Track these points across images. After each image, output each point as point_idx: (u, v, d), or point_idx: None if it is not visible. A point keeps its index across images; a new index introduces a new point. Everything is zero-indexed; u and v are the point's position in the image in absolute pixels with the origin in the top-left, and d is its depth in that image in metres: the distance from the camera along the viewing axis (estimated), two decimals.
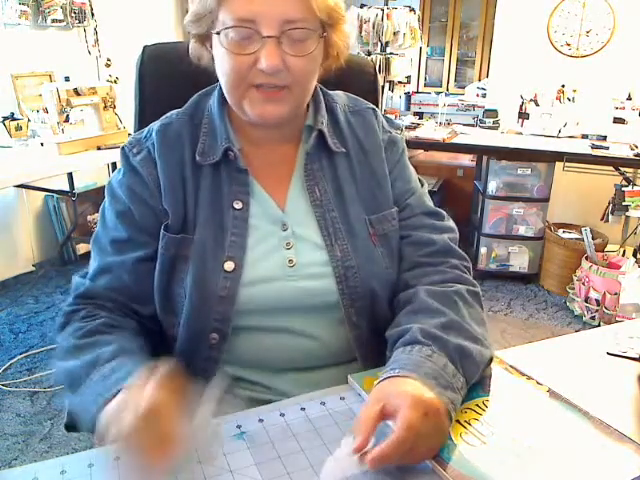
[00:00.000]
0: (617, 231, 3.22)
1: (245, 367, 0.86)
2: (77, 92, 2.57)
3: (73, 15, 3.28)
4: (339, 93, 0.96)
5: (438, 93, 4.81)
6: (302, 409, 0.75)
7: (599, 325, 2.74)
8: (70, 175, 2.99)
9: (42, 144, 2.56)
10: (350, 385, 0.80)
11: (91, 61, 3.49)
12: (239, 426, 0.71)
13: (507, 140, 3.22)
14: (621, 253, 3.07)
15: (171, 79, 1.05)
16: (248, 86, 0.79)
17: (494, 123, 3.54)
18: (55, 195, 3.22)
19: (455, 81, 6.23)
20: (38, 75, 3.13)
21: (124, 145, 0.88)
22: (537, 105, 3.39)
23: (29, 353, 2.46)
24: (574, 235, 3.19)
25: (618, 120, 3.19)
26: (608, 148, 2.96)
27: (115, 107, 2.75)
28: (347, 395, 0.78)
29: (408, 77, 4.28)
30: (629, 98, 3.23)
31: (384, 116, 0.97)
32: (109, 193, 0.88)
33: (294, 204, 0.87)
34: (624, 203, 2.82)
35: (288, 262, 0.84)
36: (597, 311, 2.78)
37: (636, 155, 2.82)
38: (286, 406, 0.75)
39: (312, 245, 0.86)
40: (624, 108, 3.19)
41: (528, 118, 3.40)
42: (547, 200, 3.18)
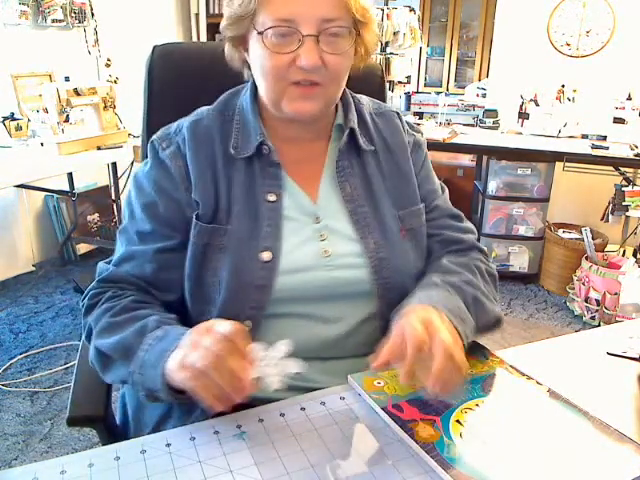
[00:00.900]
0: (617, 231, 3.22)
1: None
2: (77, 92, 2.57)
3: (73, 15, 3.28)
4: (363, 96, 1.00)
5: (438, 93, 4.81)
6: (302, 409, 0.75)
7: (599, 325, 2.74)
8: (70, 175, 2.99)
9: (42, 144, 2.56)
10: (350, 385, 0.80)
11: (91, 61, 3.49)
12: (239, 426, 0.71)
13: (507, 140, 3.22)
14: (621, 253, 3.07)
15: (180, 79, 1.05)
16: (287, 83, 0.82)
17: (494, 123, 3.54)
18: (55, 195, 3.22)
19: (455, 81, 6.24)
20: (38, 75, 3.13)
21: (153, 139, 0.90)
22: (537, 105, 3.40)
23: (29, 353, 2.46)
24: (574, 235, 3.19)
25: (618, 120, 3.19)
26: (608, 148, 2.97)
27: (115, 107, 2.75)
28: (347, 395, 0.78)
29: (408, 77, 4.29)
30: (629, 98, 3.22)
31: (405, 120, 1.02)
32: (135, 185, 0.90)
33: (326, 199, 0.90)
34: (624, 203, 2.82)
35: (324, 252, 0.87)
36: (597, 311, 2.78)
37: (636, 155, 2.82)
38: (286, 406, 0.75)
39: (345, 237, 0.89)
40: (624, 108, 3.19)
41: (528, 118, 3.40)
42: (547, 200, 3.18)
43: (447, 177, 4.09)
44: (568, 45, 3.52)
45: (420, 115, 4.05)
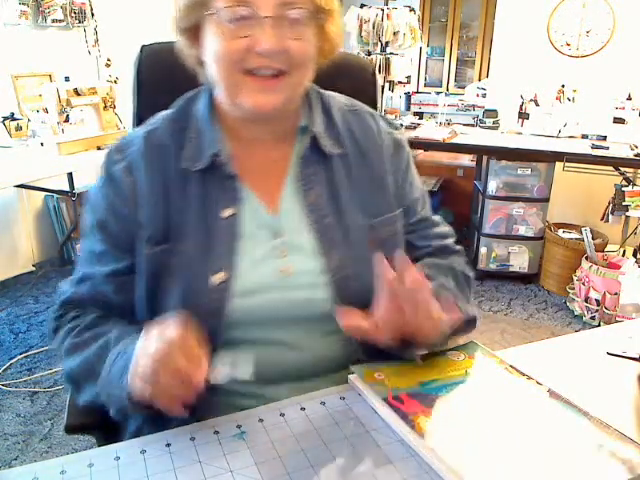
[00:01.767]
0: (617, 231, 3.22)
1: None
2: (77, 92, 2.57)
3: (73, 15, 3.28)
4: (334, 94, 0.93)
5: (438, 93, 4.81)
6: (302, 409, 0.75)
7: (599, 325, 2.74)
8: (70, 175, 2.99)
9: (42, 144, 2.56)
10: (350, 385, 0.80)
11: (91, 61, 3.49)
12: (239, 426, 0.71)
13: (507, 140, 3.22)
14: (621, 253, 3.07)
15: (169, 78, 1.04)
16: (243, 73, 0.76)
17: (494, 123, 3.54)
18: (55, 195, 3.23)
19: (455, 81, 6.23)
20: (38, 75, 3.13)
21: (108, 150, 0.85)
22: (537, 105, 3.40)
23: (29, 353, 2.46)
24: (574, 235, 3.19)
25: (618, 120, 3.19)
26: (608, 148, 2.97)
27: (115, 107, 2.75)
28: (347, 395, 0.78)
29: (408, 77, 4.28)
30: (629, 98, 3.22)
31: (381, 117, 0.95)
32: (88, 201, 0.86)
33: (287, 210, 0.84)
34: (624, 203, 2.82)
35: (281, 271, 0.81)
36: (597, 311, 2.78)
37: (636, 155, 2.82)
38: (286, 406, 0.75)
39: (307, 253, 0.83)
40: (624, 108, 3.19)
41: (528, 118, 3.40)
42: (547, 200, 3.18)
43: (447, 177, 4.09)
44: (568, 45, 3.52)
45: (420, 115, 4.06)
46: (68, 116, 2.55)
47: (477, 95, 4.01)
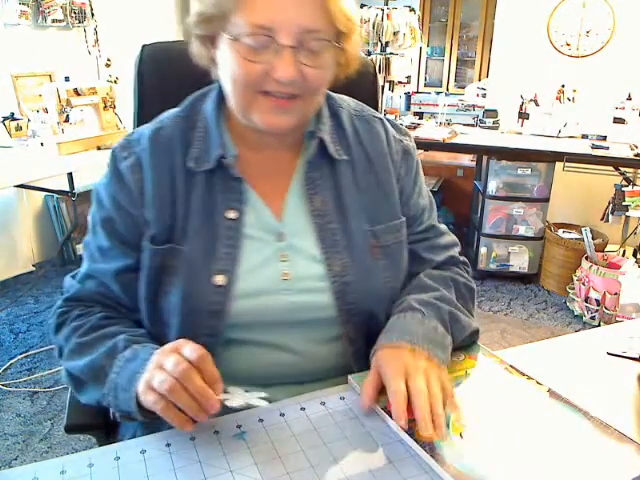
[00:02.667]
0: (617, 231, 3.22)
1: (235, 380, 0.81)
2: (77, 92, 2.56)
3: (73, 15, 3.28)
4: (344, 97, 0.93)
5: (438, 93, 4.82)
6: (302, 409, 0.75)
7: (599, 325, 2.74)
8: (70, 175, 2.99)
9: (42, 144, 2.56)
10: (350, 385, 0.80)
11: (91, 61, 3.49)
12: (239, 426, 0.71)
13: (507, 140, 3.22)
14: (621, 253, 3.07)
15: (170, 78, 1.04)
16: (257, 93, 0.76)
17: (494, 123, 3.54)
18: (55, 195, 3.22)
19: (455, 81, 6.24)
20: (38, 75, 3.13)
21: (115, 147, 0.85)
22: (537, 105, 3.39)
23: (29, 353, 2.46)
24: (574, 235, 3.19)
25: (618, 120, 3.19)
26: (608, 148, 2.96)
27: (115, 107, 2.75)
28: (347, 395, 0.78)
29: (408, 77, 4.28)
30: (629, 98, 3.22)
31: (390, 122, 0.94)
32: (95, 198, 0.86)
33: (292, 214, 0.84)
34: (624, 203, 2.82)
35: (282, 275, 0.81)
36: (597, 311, 2.78)
37: (636, 155, 2.82)
38: (286, 406, 0.75)
39: (309, 258, 0.83)
40: (624, 108, 3.19)
41: (528, 118, 3.40)
42: (547, 200, 3.18)
43: (447, 177, 4.09)
44: (568, 45, 3.52)
45: (420, 115, 4.06)
46: (68, 116, 2.55)
47: (477, 95, 4.02)
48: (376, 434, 0.70)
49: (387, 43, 3.74)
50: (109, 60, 3.58)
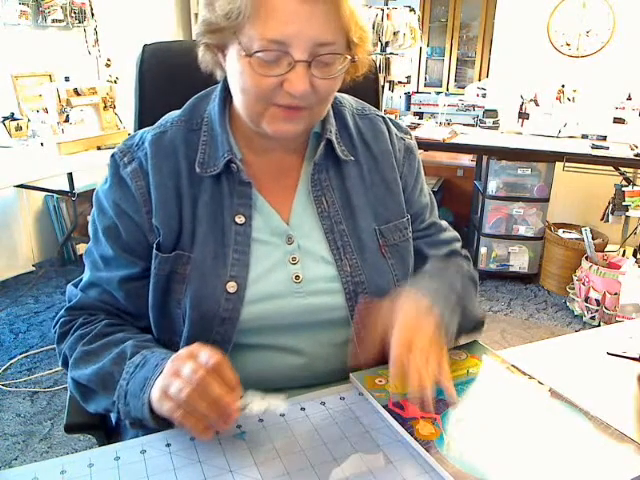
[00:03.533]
0: (617, 231, 3.22)
1: (244, 385, 0.80)
2: (77, 92, 2.57)
3: (73, 15, 3.28)
4: (345, 96, 0.92)
5: (438, 93, 4.82)
6: (302, 409, 0.75)
7: (599, 325, 2.74)
8: (70, 175, 2.99)
9: (42, 144, 2.56)
10: (351, 384, 0.80)
11: (91, 61, 3.49)
12: (239, 426, 0.71)
13: (507, 140, 3.22)
14: (621, 253, 3.07)
15: (171, 78, 1.04)
16: (270, 104, 0.75)
17: (494, 123, 3.54)
18: (55, 195, 3.22)
19: (455, 81, 6.23)
20: (38, 75, 3.13)
21: (115, 152, 0.83)
22: (537, 105, 3.39)
23: (29, 353, 2.46)
24: (574, 235, 3.19)
25: (618, 120, 3.19)
26: (608, 148, 2.96)
27: (115, 107, 2.75)
28: (347, 395, 0.78)
29: (408, 77, 4.28)
30: (629, 98, 3.22)
31: (392, 121, 0.94)
32: (96, 204, 0.84)
33: (300, 216, 0.84)
34: (624, 203, 2.82)
35: (294, 278, 0.81)
36: (597, 311, 2.78)
37: (636, 155, 2.82)
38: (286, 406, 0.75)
39: (319, 259, 0.83)
40: (624, 108, 3.19)
41: (528, 118, 3.40)
42: (547, 200, 3.18)
43: (447, 177, 4.09)
44: (568, 45, 3.52)
45: (420, 115, 4.06)
46: (68, 116, 2.55)
47: (477, 95, 4.02)
48: (376, 434, 0.70)
49: (387, 43, 3.74)
50: (109, 60, 3.57)
